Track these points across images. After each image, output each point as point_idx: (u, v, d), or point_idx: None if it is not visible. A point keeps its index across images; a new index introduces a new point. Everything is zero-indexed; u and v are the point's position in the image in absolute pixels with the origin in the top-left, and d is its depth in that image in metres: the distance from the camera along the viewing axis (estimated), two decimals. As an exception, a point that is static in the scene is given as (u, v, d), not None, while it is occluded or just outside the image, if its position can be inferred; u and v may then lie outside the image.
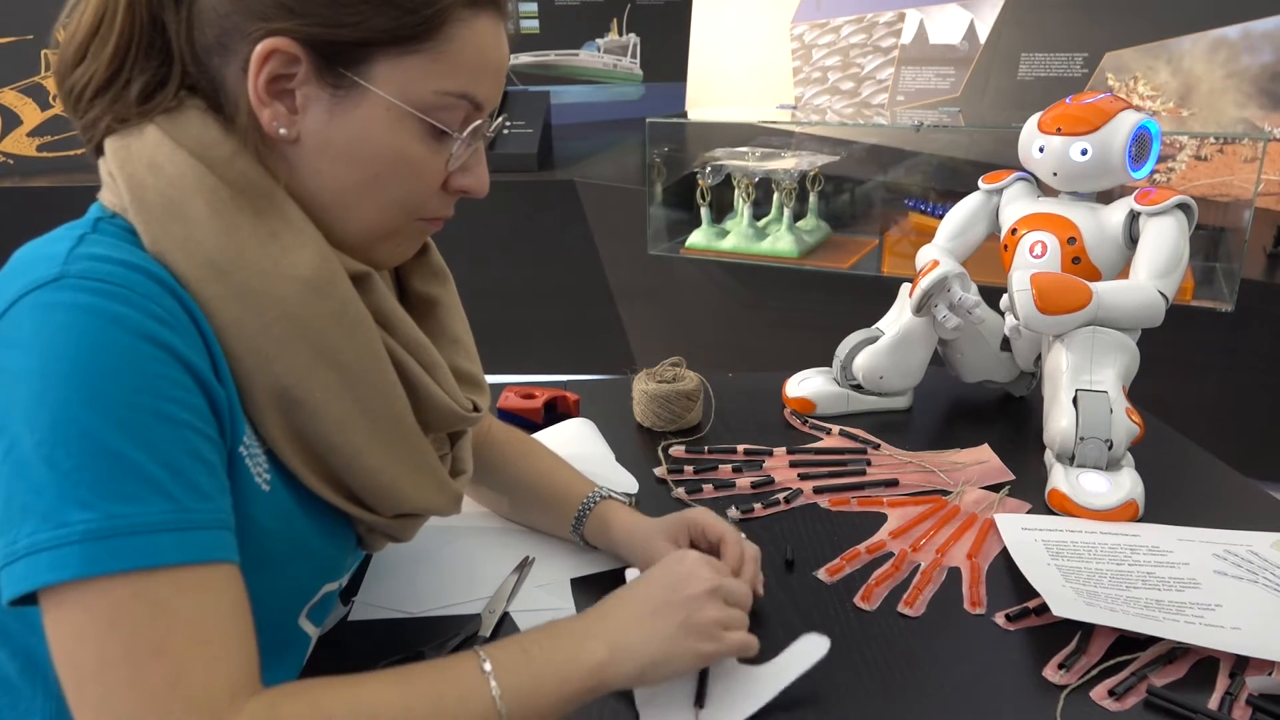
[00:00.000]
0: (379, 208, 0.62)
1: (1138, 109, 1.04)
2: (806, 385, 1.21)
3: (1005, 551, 0.88)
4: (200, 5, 0.58)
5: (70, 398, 0.49)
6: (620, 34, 3.68)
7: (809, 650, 0.70)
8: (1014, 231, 1.09)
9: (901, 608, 0.80)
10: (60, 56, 0.60)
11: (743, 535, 0.80)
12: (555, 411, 1.18)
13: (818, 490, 1.00)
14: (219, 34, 0.57)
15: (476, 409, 0.71)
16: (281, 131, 0.59)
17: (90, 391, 0.49)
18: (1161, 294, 0.98)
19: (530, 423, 1.14)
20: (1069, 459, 0.97)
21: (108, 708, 0.49)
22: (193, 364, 0.53)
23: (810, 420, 1.18)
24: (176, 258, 0.56)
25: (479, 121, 0.63)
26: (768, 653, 0.70)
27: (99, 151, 0.60)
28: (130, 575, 0.49)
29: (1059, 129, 1.04)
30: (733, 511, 0.94)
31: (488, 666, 0.58)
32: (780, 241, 2.35)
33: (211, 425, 0.55)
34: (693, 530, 0.80)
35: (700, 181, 2.37)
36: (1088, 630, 0.75)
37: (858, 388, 1.20)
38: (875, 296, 1.36)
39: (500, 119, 0.67)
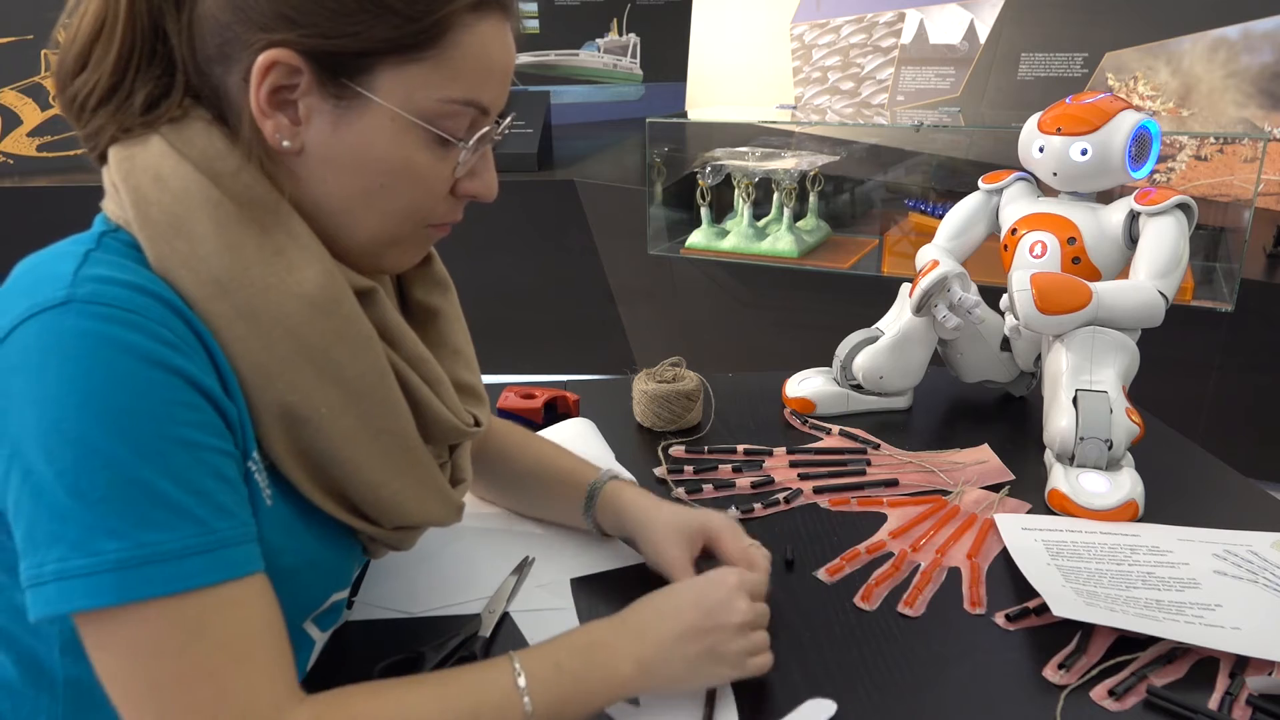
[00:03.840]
0: (385, 216, 0.62)
1: (1138, 109, 1.04)
2: (806, 385, 1.21)
3: (1005, 551, 0.88)
4: (201, 14, 0.57)
5: (89, 429, 0.49)
6: (620, 34, 3.68)
7: (813, 716, 0.68)
8: (1014, 231, 1.09)
9: (901, 608, 0.80)
10: (60, 64, 0.59)
11: (757, 545, 0.79)
12: (555, 411, 1.18)
13: (818, 490, 1.00)
14: (220, 44, 0.57)
15: (478, 423, 0.71)
16: (285, 143, 0.58)
17: (109, 422, 0.50)
18: (1161, 294, 0.98)
19: (530, 423, 1.14)
20: (1069, 459, 0.97)
21: None
22: (203, 384, 0.53)
23: (810, 420, 1.18)
24: (181, 275, 0.55)
25: (486, 128, 0.63)
26: (769, 711, 0.68)
27: (102, 160, 0.60)
28: (166, 600, 0.50)
29: (1059, 129, 1.04)
30: (733, 511, 0.94)
31: (522, 681, 0.60)
32: (780, 241, 2.35)
33: (228, 440, 0.55)
34: (708, 540, 0.79)
35: (700, 181, 2.37)
36: (1088, 630, 0.75)
37: (858, 388, 1.20)
38: (875, 296, 1.36)
39: (508, 120, 0.67)
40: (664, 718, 0.67)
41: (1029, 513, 0.96)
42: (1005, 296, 1.10)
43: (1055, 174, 1.06)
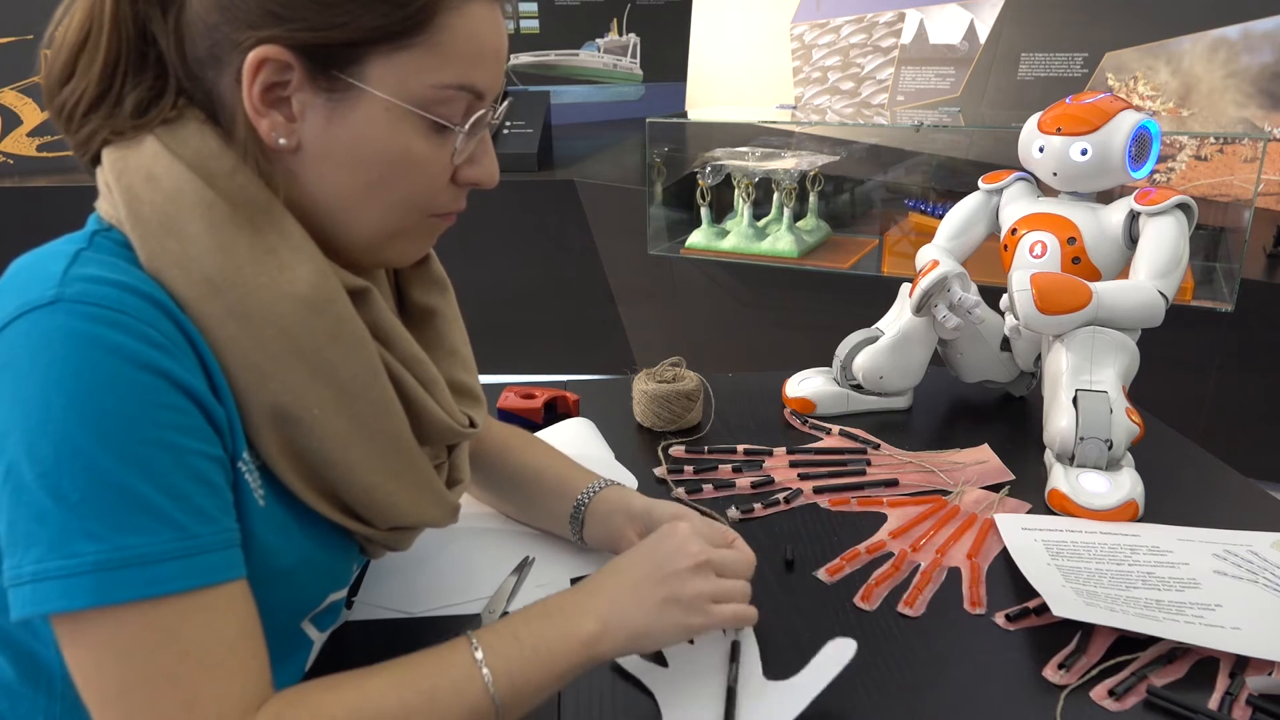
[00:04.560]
0: (387, 208, 0.62)
1: (1138, 109, 1.04)
2: (806, 385, 1.21)
3: (1005, 551, 0.88)
4: (189, 17, 0.57)
5: (73, 431, 0.49)
6: (620, 34, 3.68)
7: (836, 655, 0.69)
8: (1014, 231, 1.09)
9: (901, 608, 0.80)
10: (47, 73, 0.59)
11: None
12: (555, 411, 1.18)
13: (818, 490, 1.00)
14: (210, 45, 0.57)
15: (473, 424, 0.71)
16: (281, 141, 0.58)
17: (93, 424, 0.49)
18: (1161, 294, 0.98)
19: (530, 423, 1.14)
20: (1069, 459, 0.97)
21: None
22: (190, 387, 0.53)
23: (810, 420, 1.18)
24: (172, 275, 0.55)
25: (481, 111, 0.62)
26: (790, 664, 0.70)
27: (95, 162, 0.59)
28: (140, 604, 0.50)
29: (1059, 129, 1.04)
30: (732, 511, 0.94)
31: (479, 654, 0.60)
32: (780, 241, 2.35)
33: (214, 443, 0.55)
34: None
35: (700, 181, 2.37)
36: (1088, 630, 0.75)
37: (858, 388, 1.20)
38: (875, 296, 1.36)
39: (505, 104, 0.66)
40: (690, 678, 0.67)
41: (1029, 513, 0.96)
42: (1005, 296, 1.10)
43: (1055, 174, 1.06)
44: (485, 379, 0.78)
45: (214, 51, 0.57)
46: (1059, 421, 0.97)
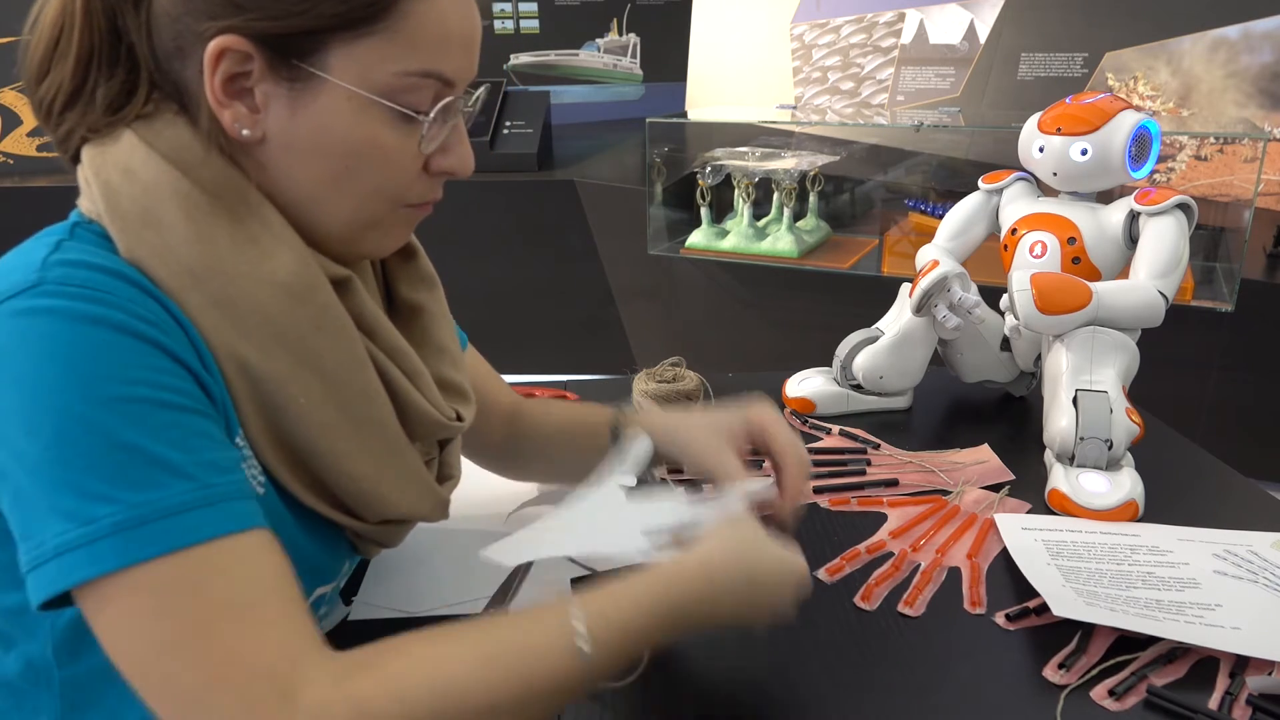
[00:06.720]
0: (357, 199, 0.61)
1: (1138, 109, 1.04)
2: (806, 385, 1.21)
3: (1005, 551, 0.88)
4: (156, 10, 0.57)
5: (69, 400, 0.49)
6: (620, 34, 3.68)
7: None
8: (1014, 231, 1.09)
9: (901, 608, 0.80)
10: (26, 70, 0.59)
11: (801, 446, 0.80)
12: (555, 411, 1.18)
13: (818, 490, 1.00)
14: (174, 37, 0.57)
15: (460, 418, 0.71)
16: (245, 132, 0.58)
17: (88, 390, 0.49)
18: (1161, 294, 0.98)
19: (530, 423, 1.14)
20: (1069, 459, 0.97)
21: (174, 690, 0.49)
22: (181, 357, 0.53)
23: (810, 420, 1.18)
24: (152, 265, 0.55)
25: (450, 99, 0.61)
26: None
27: (75, 160, 0.60)
28: (166, 559, 0.49)
29: (1059, 129, 1.04)
30: (733, 511, 0.94)
31: (586, 648, 0.55)
32: (780, 241, 2.35)
33: (210, 408, 0.54)
34: (753, 437, 0.79)
35: (700, 181, 2.37)
36: (1088, 630, 0.75)
37: (858, 388, 1.20)
38: (875, 296, 1.36)
39: (479, 92, 0.66)
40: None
41: (1029, 513, 0.96)
42: (1005, 296, 1.10)
43: (1055, 174, 1.06)
44: (470, 388, 0.78)
45: (178, 43, 0.57)
46: (1059, 421, 0.97)
